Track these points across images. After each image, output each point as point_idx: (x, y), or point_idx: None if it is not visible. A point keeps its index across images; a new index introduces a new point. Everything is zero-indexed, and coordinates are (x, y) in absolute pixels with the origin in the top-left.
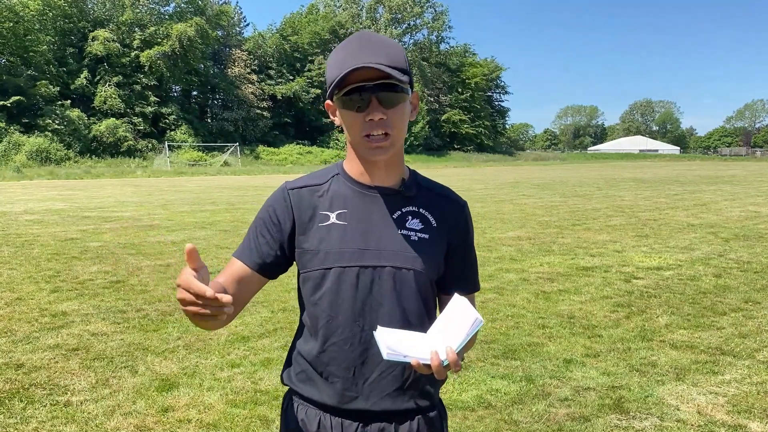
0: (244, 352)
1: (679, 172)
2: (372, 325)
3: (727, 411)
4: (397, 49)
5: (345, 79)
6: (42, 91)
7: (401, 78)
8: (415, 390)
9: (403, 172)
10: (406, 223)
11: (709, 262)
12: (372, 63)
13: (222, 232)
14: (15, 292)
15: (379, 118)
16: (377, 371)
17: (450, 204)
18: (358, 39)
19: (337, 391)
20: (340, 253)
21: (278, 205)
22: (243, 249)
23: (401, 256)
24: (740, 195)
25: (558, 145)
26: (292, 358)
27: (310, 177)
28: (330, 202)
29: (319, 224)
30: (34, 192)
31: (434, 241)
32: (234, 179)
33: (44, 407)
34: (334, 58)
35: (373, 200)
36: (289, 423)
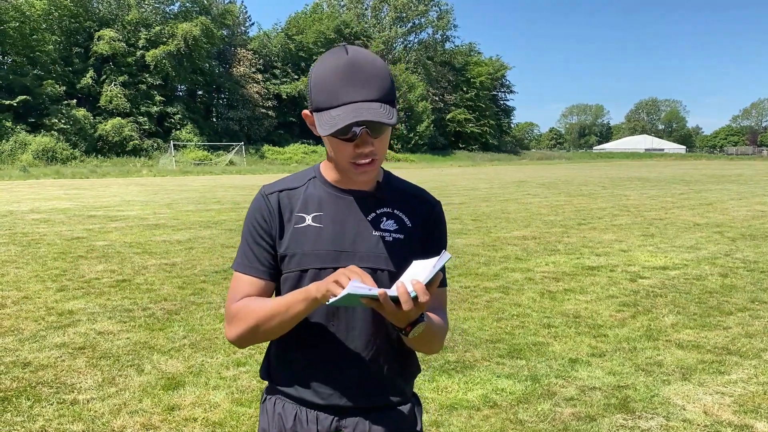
0: (249, 350)
1: (685, 171)
2: (347, 326)
3: (734, 411)
4: (385, 76)
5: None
6: (48, 90)
7: (391, 122)
8: (389, 385)
9: (378, 174)
10: (381, 224)
11: (715, 261)
12: (366, 99)
13: (227, 231)
14: (21, 291)
15: (369, 149)
16: (352, 369)
17: (423, 204)
18: (350, 66)
19: (312, 387)
20: (316, 255)
21: (261, 212)
22: (246, 263)
23: (376, 257)
24: (747, 194)
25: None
26: (270, 355)
27: (286, 180)
28: (306, 204)
29: (295, 226)
30: (41, 191)
31: (409, 241)
32: (239, 178)
33: (51, 405)
34: (322, 77)
35: (348, 203)
36: (267, 417)
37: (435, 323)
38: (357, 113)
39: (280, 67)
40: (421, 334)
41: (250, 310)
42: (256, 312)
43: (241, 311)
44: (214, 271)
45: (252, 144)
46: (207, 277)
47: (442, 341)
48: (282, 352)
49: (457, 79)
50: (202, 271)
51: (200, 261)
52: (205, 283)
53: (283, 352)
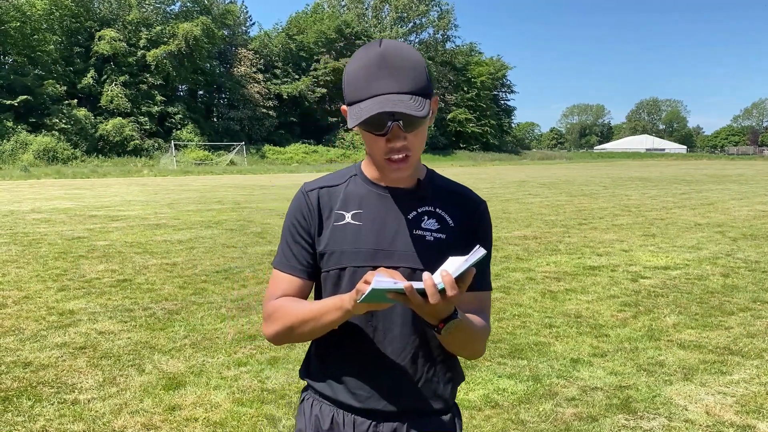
0: (250, 350)
1: (686, 171)
2: (384, 328)
3: (736, 411)
4: (419, 69)
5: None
6: (49, 90)
7: (419, 114)
8: (428, 391)
9: (420, 172)
10: (422, 223)
11: (716, 261)
12: (395, 91)
13: (228, 231)
14: (22, 291)
15: (401, 144)
16: (391, 372)
17: (467, 203)
18: (381, 57)
19: (351, 389)
20: (355, 253)
21: (301, 209)
22: (284, 261)
23: (415, 256)
24: (748, 194)
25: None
26: (311, 355)
27: (327, 178)
28: (346, 202)
29: (335, 224)
30: (42, 191)
31: (451, 241)
32: (240, 178)
33: (52, 405)
34: (354, 72)
35: (389, 201)
36: (304, 418)
37: (473, 323)
38: (383, 104)
39: (280, 67)
40: (458, 334)
41: (286, 311)
42: (291, 314)
43: (278, 311)
44: (215, 271)
45: (253, 144)
46: (208, 276)
47: (483, 344)
48: (321, 352)
49: (458, 79)
50: (203, 271)
51: (201, 261)
52: (206, 283)
53: (323, 351)
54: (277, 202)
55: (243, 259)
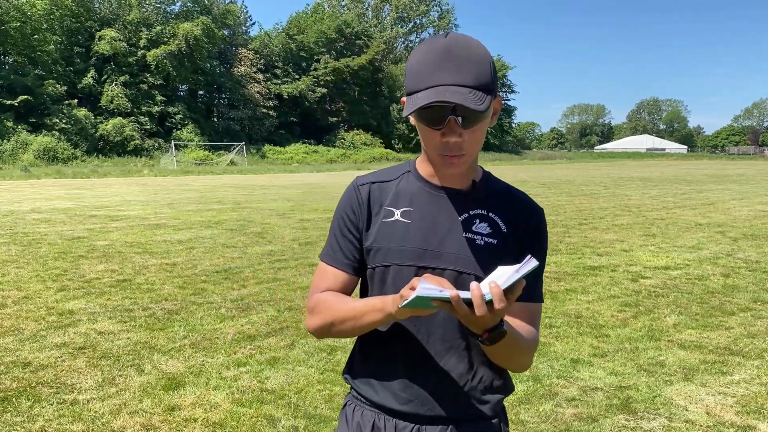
0: (250, 351)
1: (687, 171)
2: (429, 330)
3: (736, 411)
4: (484, 63)
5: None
6: (49, 90)
7: (478, 107)
8: (473, 398)
9: (476, 173)
10: (473, 226)
11: (717, 261)
12: (455, 82)
13: (228, 230)
14: (22, 291)
15: (455, 140)
16: (435, 375)
17: (523, 209)
18: (444, 48)
19: (393, 391)
20: (401, 251)
21: (351, 203)
22: (331, 253)
23: (463, 260)
24: (748, 194)
25: (565, 144)
26: (354, 353)
27: (380, 173)
28: (396, 198)
29: (383, 220)
30: (42, 191)
31: (502, 247)
32: (240, 178)
33: (51, 406)
34: (417, 61)
35: (441, 200)
36: (346, 424)
37: (519, 335)
38: (440, 94)
39: (281, 67)
40: (502, 346)
41: (329, 306)
42: (333, 310)
43: (320, 305)
44: (214, 271)
45: (253, 144)
46: (208, 276)
47: (530, 357)
48: (365, 350)
49: None
50: (203, 271)
51: (201, 261)
52: (206, 283)
53: (366, 350)
54: (277, 202)
55: (243, 259)
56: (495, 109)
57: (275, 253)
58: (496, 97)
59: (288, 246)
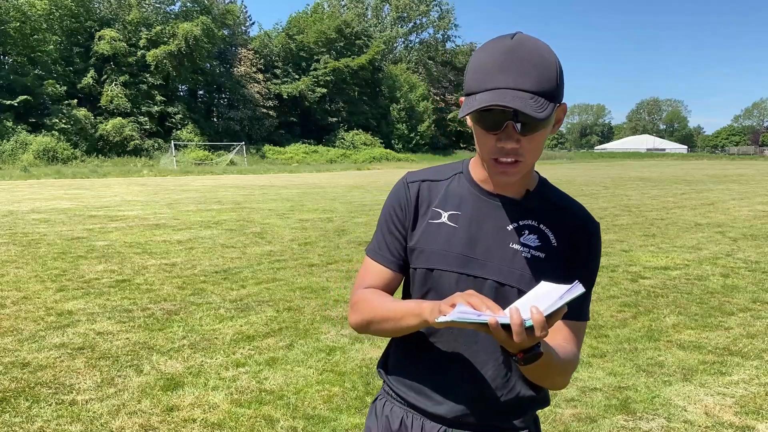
0: (249, 351)
1: (687, 171)
2: (469, 338)
3: (735, 412)
4: (549, 68)
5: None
6: (49, 90)
7: (537, 115)
8: (506, 407)
9: (530, 181)
10: (521, 237)
11: (716, 261)
12: (516, 86)
13: (228, 231)
14: (21, 291)
15: (512, 147)
16: (469, 380)
17: (577, 223)
18: (510, 50)
19: (425, 391)
20: (444, 256)
21: (399, 200)
22: (377, 249)
23: (508, 271)
24: (748, 194)
25: (565, 144)
26: (390, 351)
27: (432, 171)
28: (445, 200)
29: (429, 221)
30: (41, 191)
31: (550, 261)
32: (240, 178)
33: (49, 406)
34: (478, 61)
35: (490, 207)
36: (375, 417)
37: (557, 355)
38: (499, 97)
39: (281, 67)
40: (537, 366)
41: (370, 304)
42: (374, 309)
43: (362, 302)
44: (214, 272)
45: (253, 144)
46: (207, 277)
47: (568, 377)
48: (401, 347)
49: (458, 78)
50: (202, 272)
51: (200, 261)
52: (205, 284)
53: (403, 347)
54: (276, 202)
55: (242, 259)
56: (558, 118)
57: (274, 254)
58: (561, 104)
59: (287, 246)
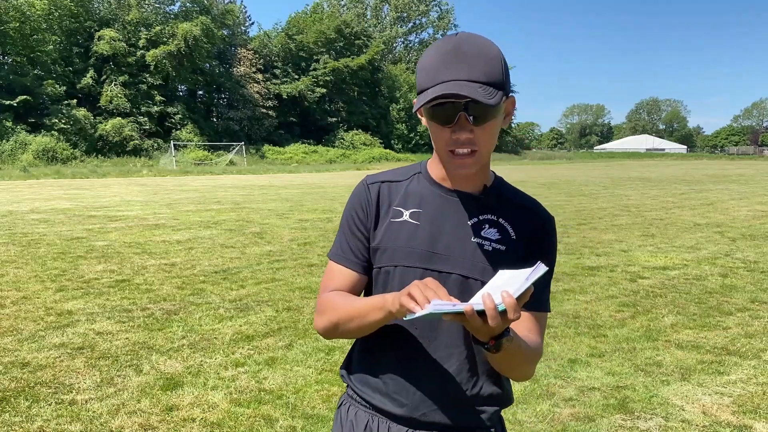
0: (248, 351)
1: (686, 171)
2: (432, 335)
3: (733, 411)
4: (494, 60)
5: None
6: (48, 90)
7: (488, 101)
8: (471, 406)
9: (488, 178)
10: (482, 231)
11: (715, 261)
12: (464, 78)
13: (227, 231)
14: (21, 291)
15: (466, 137)
16: (434, 380)
17: (533, 217)
18: (455, 46)
19: (390, 393)
20: (407, 253)
21: (360, 201)
22: (340, 252)
23: (471, 264)
24: (747, 194)
25: (564, 144)
26: (353, 353)
27: (391, 173)
28: (406, 199)
29: (391, 220)
30: (41, 191)
31: (511, 254)
32: (239, 178)
33: (49, 406)
34: (427, 61)
35: (451, 203)
36: (340, 423)
37: (525, 343)
38: (449, 88)
39: (280, 67)
40: (507, 353)
41: (335, 305)
42: (339, 310)
43: (327, 305)
44: (213, 272)
45: (252, 144)
46: (206, 277)
47: (533, 367)
48: (363, 350)
49: None
50: (202, 272)
51: (200, 261)
52: (205, 284)
53: (365, 350)
54: (276, 202)
55: (242, 259)
56: (507, 110)
57: (274, 254)
58: (509, 97)
59: (287, 246)
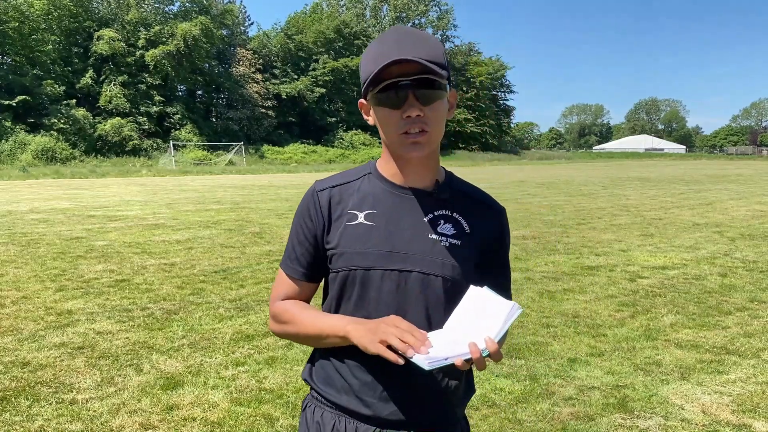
0: (248, 350)
1: (685, 171)
2: None
3: (732, 410)
4: (435, 44)
5: (381, 74)
6: (47, 90)
7: (440, 72)
8: (437, 402)
9: (439, 173)
10: (438, 227)
11: (714, 261)
12: (409, 56)
13: (227, 231)
14: (21, 291)
15: (416, 114)
16: (399, 379)
17: (486, 210)
18: (395, 32)
19: (356, 393)
20: (366, 255)
21: (309, 210)
22: (288, 262)
23: (430, 261)
24: (746, 194)
25: (563, 144)
26: (315, 358)
27: (340, 176)
28: (360, 201)
29: (347, 223)
30: (40, 191)
31: (466, 248)
32: (239, 178)
33: (50, 405)
34: (368, 53)
35: (405, 201)
36: (306, 425)
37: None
38: (394, 56)
39: (279, 67)
40: None
41: (291, 317)
42: (295, 323)
43: (282, 315)
44: (213, 271)
45: (251, 144)
46: (206, 277)
47: None
48: (327, 352)
49: (457, 78)
50: (201, 271)
51: (199, 261)
52: (204, 283)
53: (328, 351)
54: (275, 202)
55: (241, 259)
56: (451, 102)
57: (273, 253)
58: (452, 88)
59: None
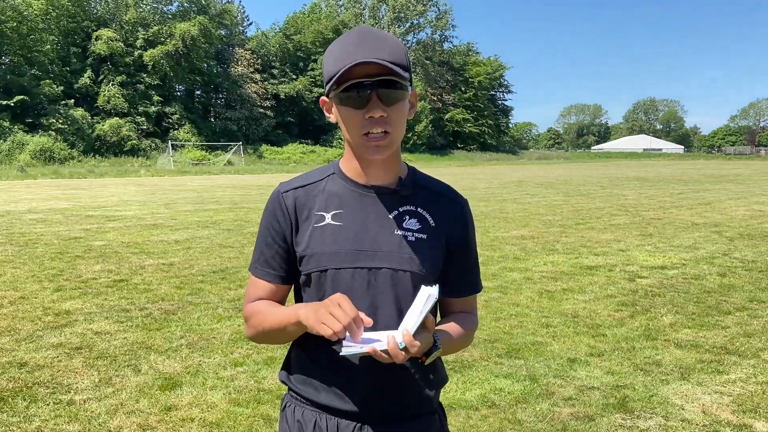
0: (247, 351)
1: (683, 170)
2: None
3: (732, 410)
4: (398, 45)
5: (344, 74)
6: (46, 90)
7: (402, 74)
8: (414, 393)
9: (401, 170)
10: (403, 223)
11: (713, 261)
12: (373, 58)
13: (225, 231)
14: (18, 291)
15: (380, 115)
16: (375, 373)
17: (449, 203)
18: (358, 33)
19: (333, 390)
20: (335, 254)
21: (276, 212)
22: (258, 265)
23: (398, 257)
24: (745, 194)
25: (562, 144)
26: (291, 358)
27: (304, 177)
28: (325, 201)
29: (315, 225)
30: (38, 191)
31: (432, 241)
32: (237, 178)
33: (47, 406)
34: (331, 52)
35: (370, 200)
36: (287, 425)
37: (456, 337)
38: (358, 58)
39: (278, 67)
40: (444, 350)
41: (259, 316)
42: (263, 321)
43: (253, 316)
44: (211, 271)
45: (250, 144)
46: (204, 277)
47: (470, 341)
48: (302, 352)
49: (456, 79)
50: (200, 271)
51: (198, 261)
52: (203, 283)
53: (304, 350)
54: None
55: (240, 259)
56: (412, 102)
57: None
58: (412, 88)
59: None
